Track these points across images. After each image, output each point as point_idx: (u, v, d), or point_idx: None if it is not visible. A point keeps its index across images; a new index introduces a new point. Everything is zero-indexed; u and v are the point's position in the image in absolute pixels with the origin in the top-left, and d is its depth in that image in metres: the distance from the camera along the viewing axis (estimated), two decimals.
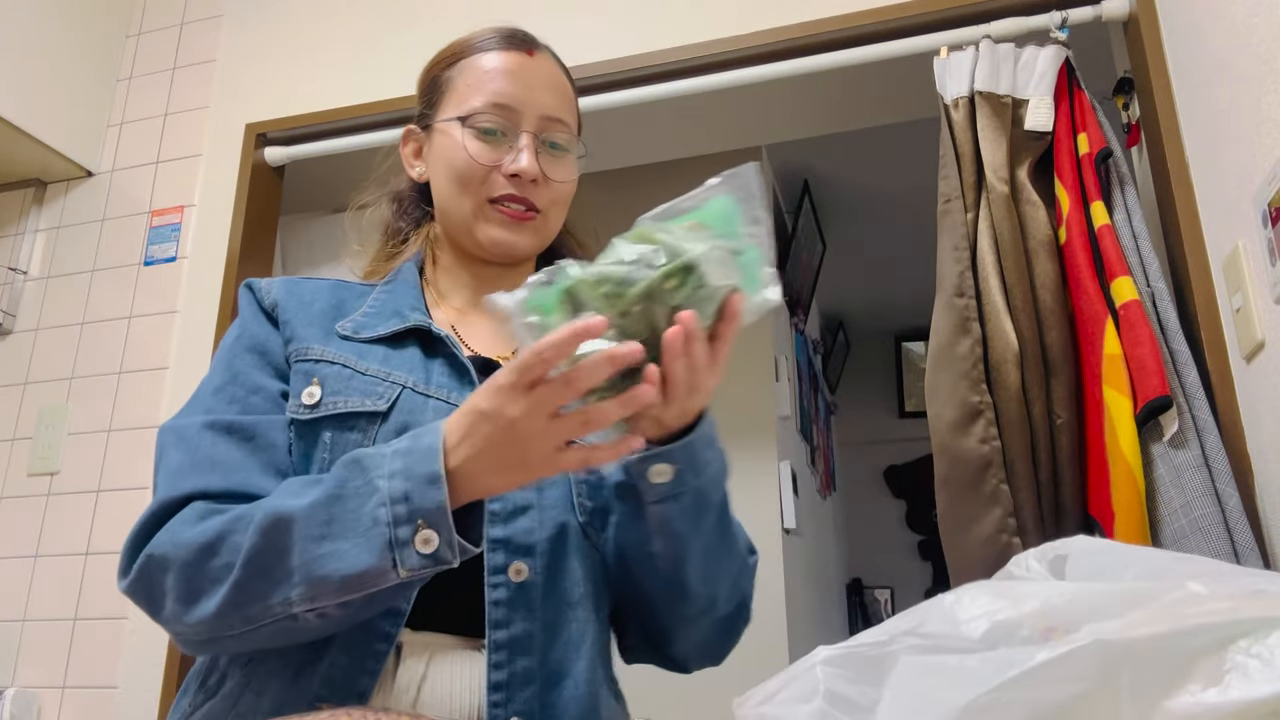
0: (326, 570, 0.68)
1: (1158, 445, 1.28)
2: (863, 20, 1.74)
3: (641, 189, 3.12)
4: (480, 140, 0.92)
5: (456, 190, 0.94)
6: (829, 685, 0.44)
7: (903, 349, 5.18)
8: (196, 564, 0.73)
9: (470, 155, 0.92)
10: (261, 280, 0.95)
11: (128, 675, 1.79)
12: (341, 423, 0.83)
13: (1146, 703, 0.38)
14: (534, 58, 0.96)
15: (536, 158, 0.92)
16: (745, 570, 0.91)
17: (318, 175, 2.35)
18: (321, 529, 0.69)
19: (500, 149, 0.92)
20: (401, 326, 0.90)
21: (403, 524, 0.68)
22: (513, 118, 0.93)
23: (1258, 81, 1.12)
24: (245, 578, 0.71)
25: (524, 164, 0.91)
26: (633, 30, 1.92)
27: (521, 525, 0.82)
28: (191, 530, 0.74)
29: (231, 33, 2.24)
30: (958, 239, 1.48)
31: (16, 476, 1.99)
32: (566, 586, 0.83)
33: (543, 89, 0.95)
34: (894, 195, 3.59)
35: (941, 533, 1.40)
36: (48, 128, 2.06)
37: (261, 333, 0.90)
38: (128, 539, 0.78)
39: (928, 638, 0.43)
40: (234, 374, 0.87)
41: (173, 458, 0.81)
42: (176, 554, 0.74)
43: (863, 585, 4.78)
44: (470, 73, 0.95)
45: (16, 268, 2.14)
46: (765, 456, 2.86)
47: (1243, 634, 0.38)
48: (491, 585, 0.79)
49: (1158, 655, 0.38)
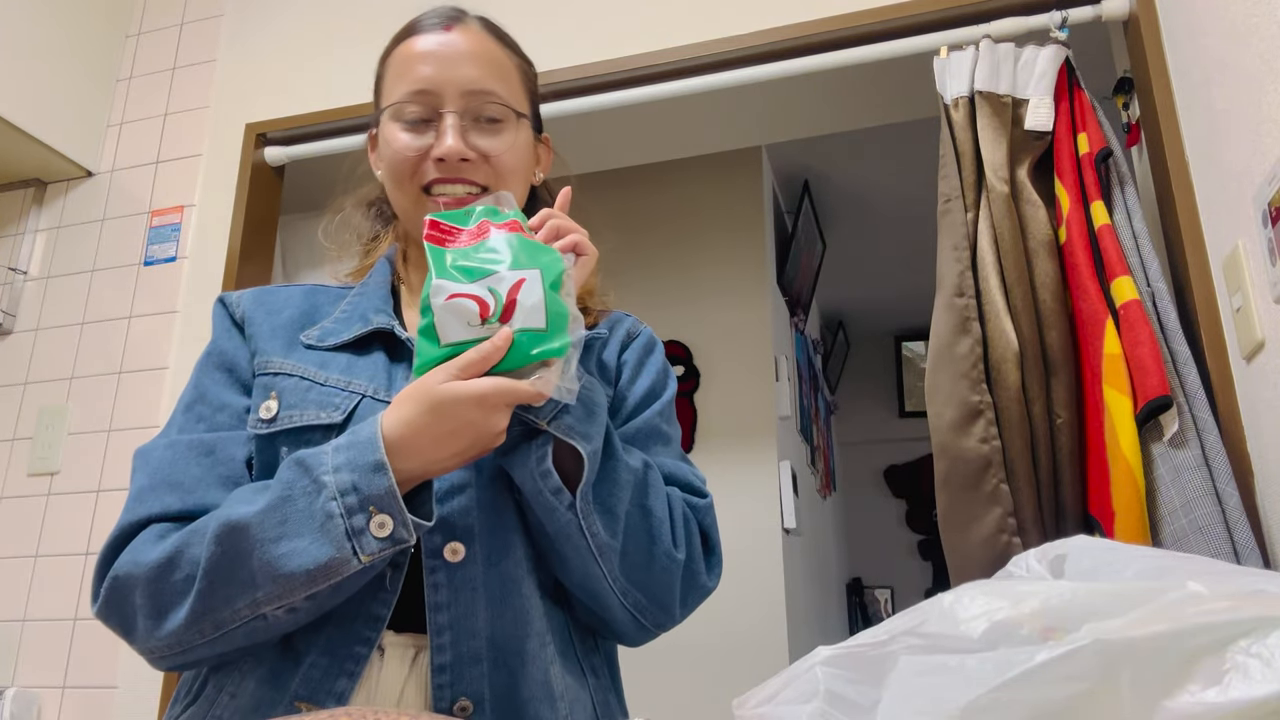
0: (290, 568, 0.70)
1: (1158, 445, 1.28)
2: (863, 20, 1.74)
3: (642, 189, 3.13)
4: (407, 130, 0.90)
5: (395, 184, 0.92)
6: (829, 685, 0.44)
7: (903, 349, 5.18)
8: (159, 579, 0.75)
9: (397, 148, 0.90)
10: (233, 294, 0.96)
11: (128, 675, 1.79)
12: (297, 437, 0.82)
13: (1147, 702, 0.38)
14: (452, 32, 0.92)
15: (464, 135, 0.89)
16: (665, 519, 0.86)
17: (318, 175, 2.35)
18: (277, 530, 0.71)
19: (427, 135, 0.90)
20: (364, 330, 0.89)
21: (356, 513, 0.70)
22: (433, 100, 0.90)
23: (1258, 81, 1.12)
24: (208, 586, 0.73)
25: (446, 146, 0.88)
26: (632, 30, 1.92)
27: (458, 504, 0.81)
28: (151, 550, 0.76)
29: (231, 33, 2.24)
30: (958, 239, 1.48)
31: (16, 476, 1.99)
32: (508, 564, 0.82)
33: (463, 63, 0.91)
34: (894, 195, 3.59)
35: (941, 532, 1.40)
36: (48, 128, 2.06)
37: (230, 348, 0.91)
38: (95, 565, 0.81)
39: (927, 638, 0.43)
40: (201, 392, 0.89)
41: (137, 481, 0.83)
42: (139, 572, 0.76)
43: (863, 585, 4.78)
44: (396, 63, 0.94)
45: (16, 268, 2.14)
46: (765, 457, 2.86)
47: (1243, 634, 0.38)
48: (429, 569, 0.79)
49: (1158, 655, 0.38)
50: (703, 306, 3.03)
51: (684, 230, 3.11)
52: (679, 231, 3.10)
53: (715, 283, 3.06)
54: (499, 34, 0.97)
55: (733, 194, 3.12)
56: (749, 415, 2.90)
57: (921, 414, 3.34)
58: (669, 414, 0.98)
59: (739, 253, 3.07)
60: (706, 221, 3.11)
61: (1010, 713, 0.39)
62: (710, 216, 3.12)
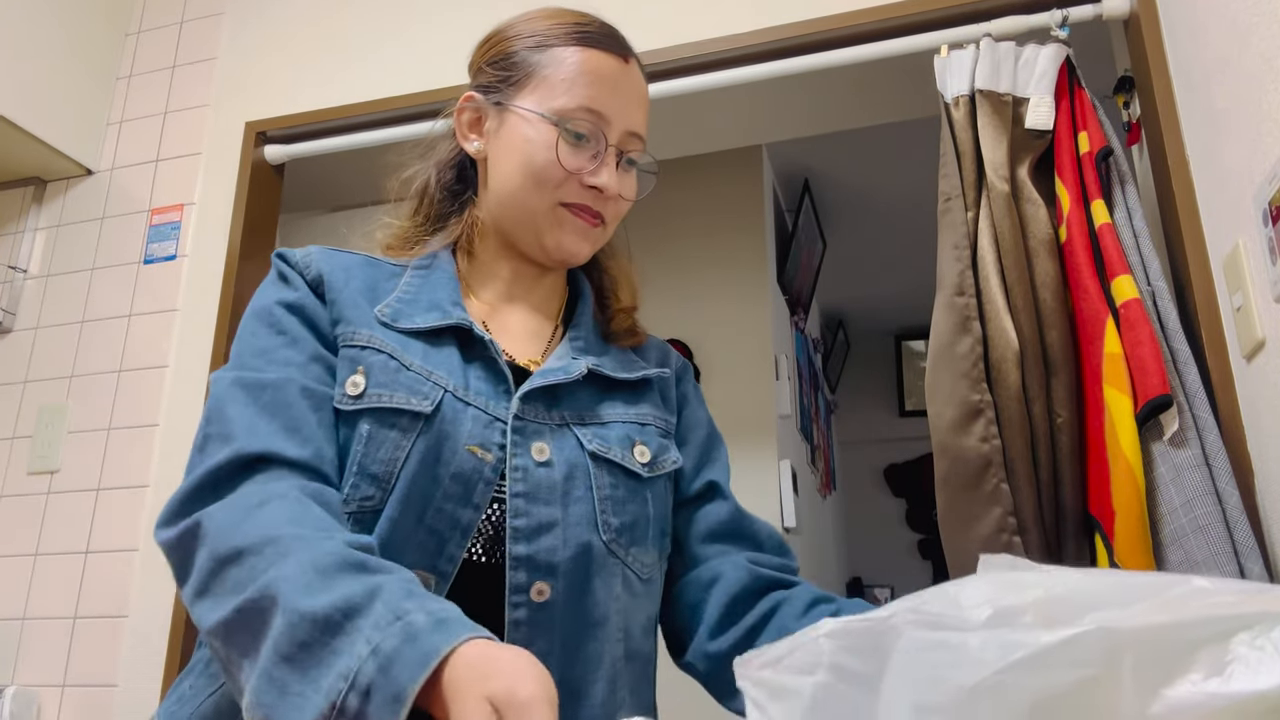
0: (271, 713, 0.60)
1: (1158, 444, 1.28)
2: (863, 19, 1.74)
3: None
4: (569, 144, 0.88)
5: (531, 186, 0.89)
6: (834, 658, 0.44)
7: (903, 348, 5.18)
8: (223, 562, 0.67)
9: (557, 158, 0.88)
10: (296, 251, 0.89)
11: (127, 674, 1.79)
12: (382, 418, 0.79)
13: (1148, 689, 0.38)
14: (629, 65, 0.93)
15: (616, 173, 0.90)
16: None
17: (317, 174, 2.35)
18: (292, 651, 0.61)
19: (584, 155, 0.89)
20: (441, 323, 0.86)
21: (358, 690, 0.58)
22: (603, 126, 0.89)
23: (1258, 80, 1.12)
24: (234, 620, 0.65)
25: (606, 180, 0.89)
26: (632, 29, 1.91)
27: (545, 543, 0.79)
28: (245, 520, 0.68)
29: (232, 31, 2.24)
30: (958, 238, 1.48)
31: (16, 475, 1.99)
32: (587, 606, 0.81)
33: (633, 102, 0.92)
34: (894, 194, 3.59)
35: (941, 532, 1.40)
36: (47, 126, 2.06)
37: (311, 305, 0.85)
38: (189, 484, 0.73)
39: (931, 615, 0.43)
40: (294, 338, 0.82)
41: (244, 412, 0.75)
42: (216, 541, 0.68)
43: (863, 584, 4.78)
44: (563, 66, 0.90)
45: (16, 266, 2.14)
46: (765, 456, 2.86)
47: (1246, 626, 0.38)
48: (512, 605, 0.78)
49: (1160, 643, 0.38)
50: (703, 305, 3.03)
51: (684, 229, 3.11)
52: (679, 230, 3.10)
53: (715, 281, 3.05)
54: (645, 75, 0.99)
55: (733, 193, 3.12)
56: (749, 414, 2.90)
57: (921, 413, 3.32)
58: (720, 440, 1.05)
59: (739, 252, 3.07)
60: (706, 221, 3.11)
61: (1015, 696, 0.39)
62: (710, 216, 3.11)
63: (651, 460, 0.90)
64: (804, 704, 0.44)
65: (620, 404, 0.92)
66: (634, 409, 0.93)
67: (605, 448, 0.87)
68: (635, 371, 0.95)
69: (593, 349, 0.94)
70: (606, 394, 0.92)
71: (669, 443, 0.95)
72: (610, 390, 0.92)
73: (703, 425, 1.02)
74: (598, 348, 0.95)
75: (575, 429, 0.87)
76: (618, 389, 0.93)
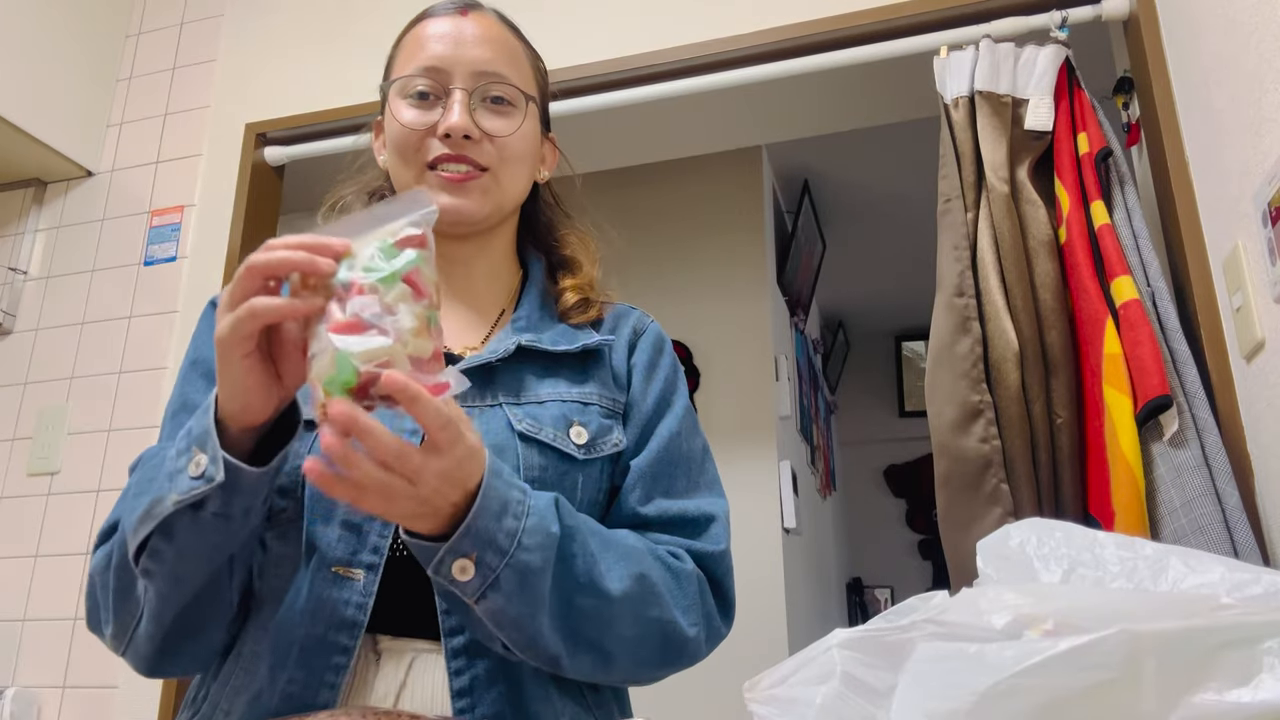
0: (132, 518, 0.72)
1: (1158, 445, 1.28)
2: (863, 20, 1.74)
3: (642, 188, 3.13)
4: (413, 106, 0.88)
5: (399, 161, 0.90)
6: (845, 668, 0.43)
7: (903, 349, 5.18)
8: (101, 571, 0.78)
9: (403, 122, 0.88)
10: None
11: (128, 675, 1.79)
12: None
13: (1170, 695, 0.37)
14: (467, 17, 0.92)
15: (471, 114, 0.87)
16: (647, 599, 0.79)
17: (318, 175, 2.34)
18: (139, 488, 0.76)
19: (434, 112, 0.88)
20: None
21: (181, 455, 0.70)
22: (443, 78, 0.88)
23: (1258, 80, 1.12)
24: (119, 560, 0.75)
25: (453, 120, 0.86)
26: (633, 30, 1.92)
27: None
28: (99, 553, 0.79)
29: (231, 33, 2.24)
30: (958, 238, 1.48)
31: (16, 476, 1.99)
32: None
33: (476, 44, 0.90)
34: (894, 195, 3.59)
35: (941, 532, 1.40)
36: (48, 127, 2.06)
37: (211, 355, 0.85)
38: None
39: (947, 625, 0.42)
40: (184, 400, 0.86)
41: (126, 485, 0.84)
42: (94, 571, 0.79)
43: (863, 585, 4.78)
44: (407, 44, 0.93)
45: (16, 268, 2.14)
46: (765, 456, 2.86)
47: (1273, 634, 0.37)
48: (441, 593, 0.77)
49: (1185, 649, 0.37)
50: (703, 306, 3.03)
51: (684, 230, 3.11)
52: (679, 231, 3.10)
53: (715, 282, 3.05)
54: (512, 25, 0.96)
55: (733, 194, 3.12)
56: (749, 415, 2.90)
57: (921, 414, 3.34)
58: (688, 427, 0.93)
59: (739, 252, 3.07)
60: (706, 221, 3.11)
61: (1030, 699, 0.38)
62: (710, 216, 3.11)
63: (589, 442, 0.86)
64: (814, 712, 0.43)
65: (564, 383, 0.89)
66: (578, 388, 0.89)
67: (536, 428, 0.84)
68: (575, 343, 0.91)
69: (535, 327, 0.91)
70: (548, 373, 0.89)
71: (613, 423, 0.89)
72: (554, 368, 0.89)
73: (643, 404, 0.92)
74: (542, 325, 0.92)
75: (507, 409, 0.84)
76: (561, 367, 0.90)
